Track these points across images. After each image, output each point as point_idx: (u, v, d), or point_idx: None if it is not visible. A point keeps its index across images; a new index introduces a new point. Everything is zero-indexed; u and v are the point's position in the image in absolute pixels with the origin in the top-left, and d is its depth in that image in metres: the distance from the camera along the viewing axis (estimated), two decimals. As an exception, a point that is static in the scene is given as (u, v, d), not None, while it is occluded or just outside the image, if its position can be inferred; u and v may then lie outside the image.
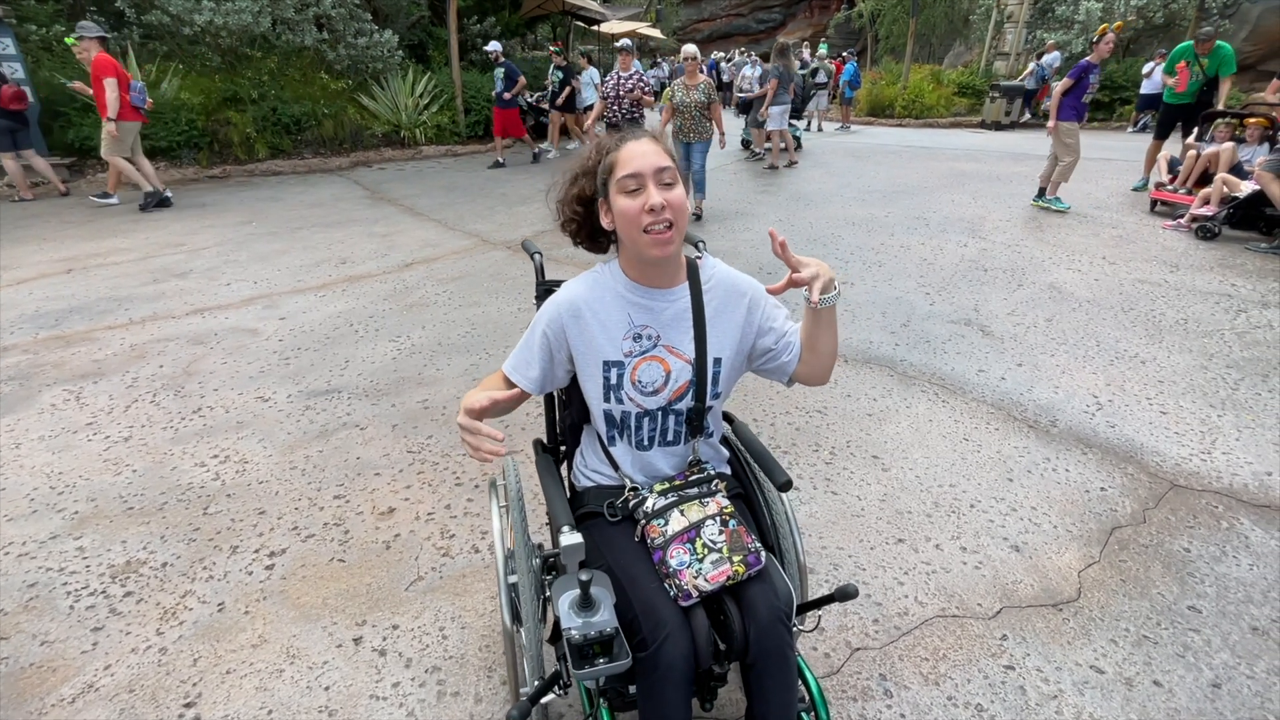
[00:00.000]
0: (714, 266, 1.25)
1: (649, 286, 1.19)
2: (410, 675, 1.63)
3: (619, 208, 1.10)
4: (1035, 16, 15.88)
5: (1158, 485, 2.38)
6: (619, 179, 1.09)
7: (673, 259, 1.15)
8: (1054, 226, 5.85)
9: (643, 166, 1.07)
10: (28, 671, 1.64)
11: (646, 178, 1.07)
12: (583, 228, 1.23)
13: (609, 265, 1.24)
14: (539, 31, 16.69)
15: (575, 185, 1.20)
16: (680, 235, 1.11)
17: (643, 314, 1.19)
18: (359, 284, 4.52)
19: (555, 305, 1.20)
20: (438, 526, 2.17)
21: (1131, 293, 4.25)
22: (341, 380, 3.17)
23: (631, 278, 1.20)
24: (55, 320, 3.85)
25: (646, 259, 1.13)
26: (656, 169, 1.08)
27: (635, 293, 1.19)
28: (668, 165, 1.09)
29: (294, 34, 9.17)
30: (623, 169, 1.09)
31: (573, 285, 1.23)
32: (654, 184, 1.07)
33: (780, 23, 31.46)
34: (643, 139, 1.12)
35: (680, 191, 1.10)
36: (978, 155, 10.00)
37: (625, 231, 1.11)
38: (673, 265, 1.18)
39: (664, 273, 1.18)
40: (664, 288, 1.20)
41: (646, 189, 1.07)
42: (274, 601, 1.86)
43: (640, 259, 1.15)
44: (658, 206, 1.06)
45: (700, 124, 5.92)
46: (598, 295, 1.20)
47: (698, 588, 1.03)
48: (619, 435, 1.23)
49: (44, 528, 2.15)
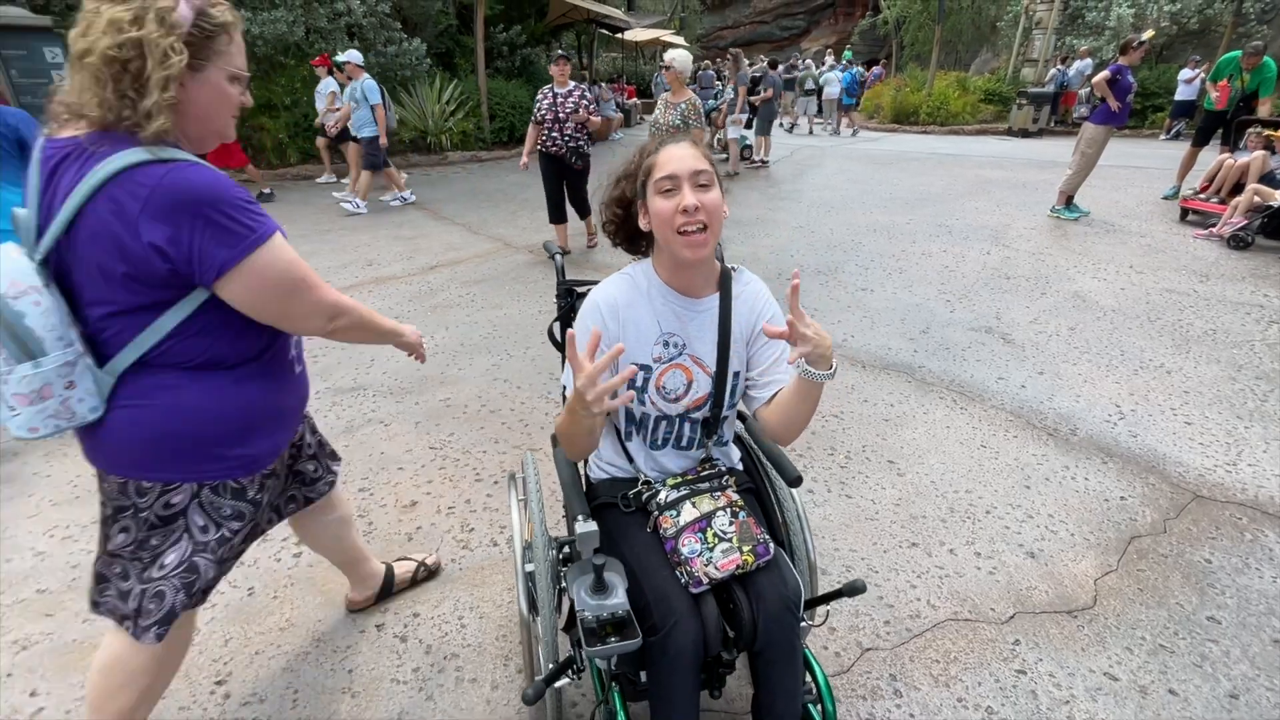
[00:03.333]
0: (748, 281, 1.27)
1: (681, 293, 1.21)
2: (430, 661, 1.69)
3: (655, 208, 1.13)
4: (1065, 22, 15.65)
5: (1180, 496, 2.35)
6: (656, 180, 1.13)
7: (705, 263, 1.18)
8: (1079, 235, 5.77)
9: (679, 169, 1.11)
10: (70, 649, 1.73)
11: (682, 180, 1.10)
12: (621, 229, 1.28)
13: (641, 266, 1.26)
14: (564, 40, 16.92)
15: (617, 188, 1.24)
16: (714, 239, 1.14)
17: (672, 320, 1.21)
18: (385, 285, 4.63)
19: (595, 307, 1.21)
20: (458, 520, 2.23)
21: (1159, 302, 4.18)
22: (367, 378, 3.26)
23: (664, 280, 1.22)
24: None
25: (680, 260, 1.15)
26: (692, 171, 1.11)
27: (667, 298, 1.22)
28: (704, 169, 1.12)
29: (326, 43, 9.42)
30: (660, 171, 1.13)
31: (607, 287, 1.24)
32: (689, 186, 1.10)
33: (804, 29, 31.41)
34: (683, 143, 1.16)
35: (716, 195, 1.13)
36: (1003, 162, 9.88)
37: (660, 232, 1.14)
38: (705, 271, 1.21)
39: (696, 278, 1.21)
40: (695, 296, 1.22)
41: (681, 190, 1.10)
42: (301, 588, 1.93)
43: (674, 260, 1.17)
44: (691, 207, 1.09)
45: None
46: (631, 298, 1.22)
47: (708, 575, 1.06)
48: (636, 432, 1.27)
49: (86, 512, 2.25)
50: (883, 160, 10.39)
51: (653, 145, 1.18)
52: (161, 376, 1.08)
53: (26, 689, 1.60)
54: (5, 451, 2.60)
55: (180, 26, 0.98)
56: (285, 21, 8.73)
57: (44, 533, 2.15)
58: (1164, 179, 7.53)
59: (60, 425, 1.04)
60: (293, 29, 8.85)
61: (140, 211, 0.96)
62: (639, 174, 1.18)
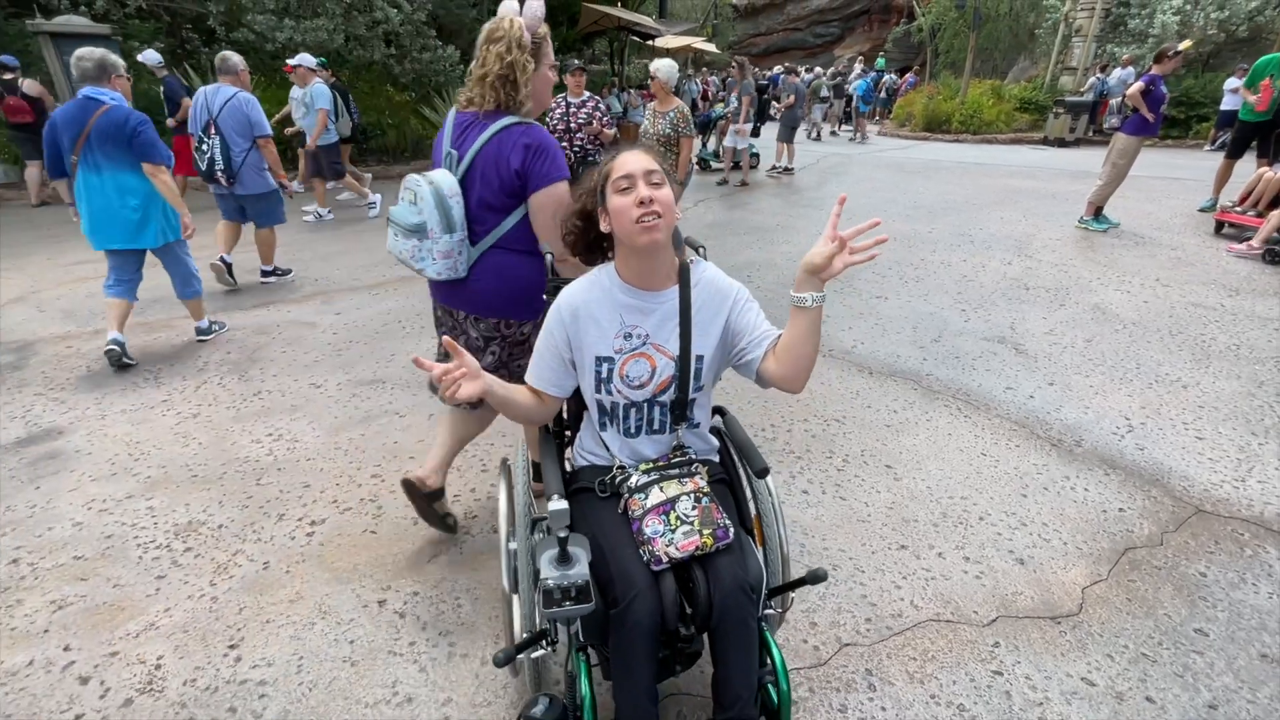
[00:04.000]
0: (704, 269, 1.37)
1: (641, 289, 1.32)
2: (425, 636, 1.79)
3: (614, 206, 1.23)
4: (1106, 30, 15.28)
5: (1181, 509, 2.33)
6: (614, 180, 1.24)
7: (662, 254, 1.28)
8: (1106, 247, 5.67)
9: (633, 168, 1.23)
10: (101, 609, 1.87)
11: (637, 177, 1.22)
12: (580, 239, 1.39)
13: (606, 268, 1.37)
14: (595, 47, 17.16)
15: (578, 202, 1.37)
16: (667, 228, 1.24)
17: (634, 315, 1.31)
18: (409, 284, 4.80)
19: (557, 309, 1.34)
20: (462, 508, 2.34)
21: (1182, 316, 4.10)
22: (386, 372, 3.41)
23: (626, 279, 1.32)
24: (140, 309, 4.24)
25: (637, 248, 1.25)
26: (645, 170, 1.23)
27: (628, 294, 1.32)
28: (656, 169, 1.24)
29: (364, 50, 9.75)
30: (617, 172, 1.24)
31: (572, 287, 1.36)
32: (643, 182, 1.22)
33: (838, 37, 31.19)
34: (635, 149, 1.28)
35: (667, 192, 1.23)
36: (1035, 172, 9.71)
37: (619, 225, 1.24)
38: (664, 265, 1.30)
39: (655, 272, 1.30)
40: (655, 290, 1.32)
41: (636, 187, 1.21)
42: (311, 564, 2.06)
43: (632, 250, 1.27)
44: (645, 199, 1.20)
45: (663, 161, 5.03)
46: (595, 297, 1.33)
47: (669, 554, 1.14)
48: (609, 422, 1.35)
49: (121, 488, 2.42)
50: (910, 169, 10.29)
51: (608, 155, 1.30)
52: (504, 255, 1.83)
53: (61, 644, 1.75)
54: (51, 430, 2.80)
55: (527, 46, 1.72)
56: (326, 29, 9.07)
57: (82, 505, 2.32)
58: (1202, 191, 7.33)
59: (449, 275, 1.81)
60: (333, 36, 9.19)
61: (511, 150, 1.71)
62: (598, 183, 1.29)
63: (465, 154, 1.76)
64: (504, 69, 1.70)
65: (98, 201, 3.24)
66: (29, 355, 3.56)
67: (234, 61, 4.36)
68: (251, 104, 4.27)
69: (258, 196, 4.46)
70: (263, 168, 4.41)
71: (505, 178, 1.72)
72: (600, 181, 1.28)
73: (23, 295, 4.48)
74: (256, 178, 4.38)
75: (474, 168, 1.76)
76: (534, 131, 1.73)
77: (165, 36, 9.64)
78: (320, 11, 9.25)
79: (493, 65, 1.70)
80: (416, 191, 1.75)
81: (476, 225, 1.80)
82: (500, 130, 1.72)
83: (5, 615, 1.84)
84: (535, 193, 1.72)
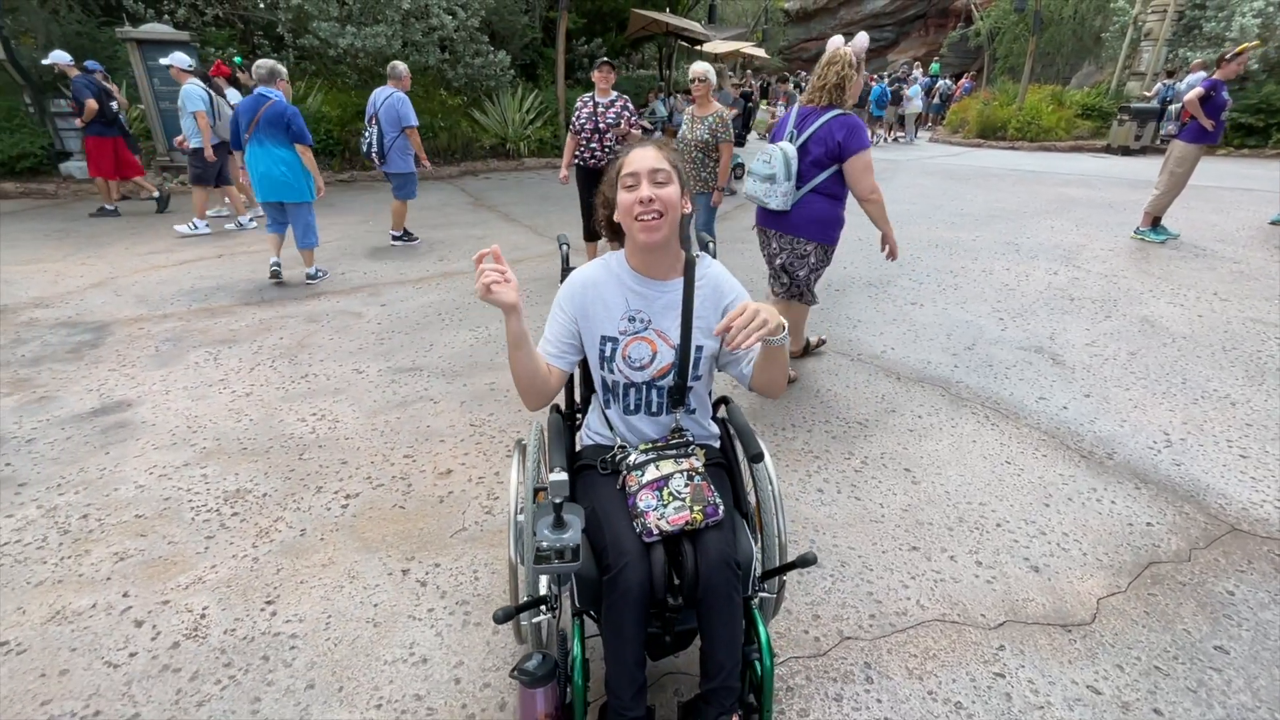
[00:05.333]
0: (709, 265, 1.44)
1: (647, 276, 1.39)
2: (443, 604, 1.89)
3: (619, 201, 1.31)
4: (1179, 33, 14.55)
5: (1215, 527, 2.26)
6: (622, 177, 1.31)
7: (665, 248, 1.34)
8: (1162, 258, 5.44)
9: (640, 167, 1.29)
10: (156, 563, 2.05)
11: (641, 176, 1.28)
12: (609, 223, 1.46)
13: (617, 255, 1.45)
14: (644, 52, 17.32)
15: (607, 190, 1.43)
16: (670, 227, 1.30)
17: (639, 300, 1.39)
18: (451, 279, 5.00)
19: (569, 285, 1.43)
20: (486, 489, 2.45)
21: (1239, 332, 3.91)
22: (425, 360, 3.57)
23: (633, 266, 1.40)
24: (205, 296, 4.56)
25: (638, 243, 1.32)
26: (651, 169, 1.29)
27: (635, 280, 1.39)
28: (663, 168, 1.30)
29: (420, 55, 10.15)
30: (626, 169, 1.31)
31: (584, 269, 1.45)
32: (647, 181, 1.28)
33: (893, 41, 30.60)
34: (647, 146, 1.34)
35: (672, 191, 1.29)
36: (1092, 181, 9.35)
37: (623, 220, 1.32)
38: (668, 257, 1.37)
39: (660, 264, 1.37)
40: (660, 279, 1.39)
41: (640, 185, 1.28)
42: (344, 533, 2.20)
43: (635, 245, 1.35)
44: (645, 199, 1.26)
45: (701, 168, 4.39)
46: (604, 279, 1.41)
47: (660, 527, 1.20)
48: (612, 400, 1.43)
49: (179, 457, 2.63)
50: (959, 175, 10.05)
51: (624, 149, 1.36)
52: (817, 197, 2.92)
53: (120, 591, 1.93)
54: (121, 403, 3.06)
55: (854, 65, 2.79)
56: (385, 36, 9.48)
57: (145, 470, 2.54)
58: (1275, 203, 6.95)
59: (780, 207, 2.91)
60: (391, 42, 9.60)
61: (836, 130, 2.78)
62: (614, 175, 1.36)
63: (804, 132, 2.86)
64: (839, 81, 2.78)
65: (262, 167, 4.53)
66: (105, 335, 3.87)
67: (400, 69, 5.57)
68: (404, 102, 5.45)
69: (399, 175, 5.66)
70: (407, 151, 5.60)
71: (830, 147, 2.80)
72: (614, 174, 1.35)
73: (102, 281, 4.86)
74: (400, 159, 5.60)
75: (810, 140, 2.84)
76: (851, 119, 2.79)
77: (238, 43, 10.24)
78: (380, 19, 9.68)
79: (831, 79, 2.80)
80: (772, 155, 2.87)
81: (806, 177, 2.89)
82: (831, 118, 2.79)
83: (75, 563, 2.04)
84: (850, 157, 2.79)
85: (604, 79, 4.60)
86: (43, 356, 3.55)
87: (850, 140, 2.75)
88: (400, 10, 9.64)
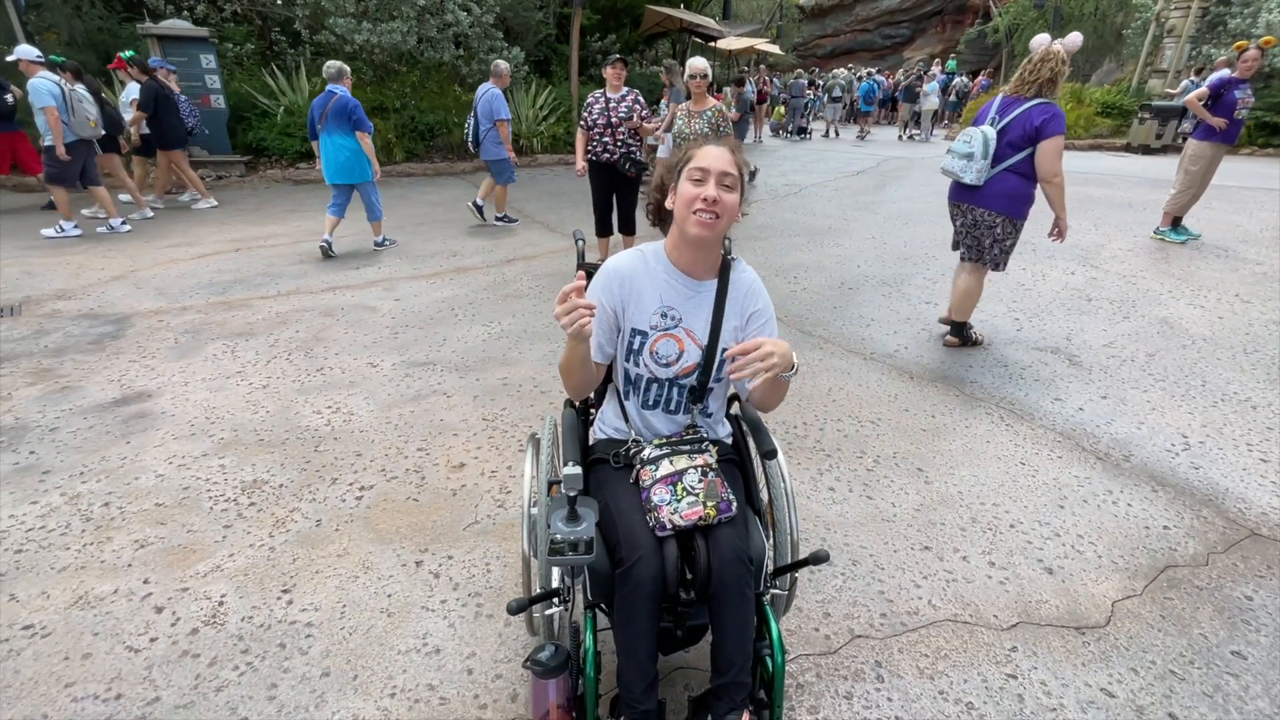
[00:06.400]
0: (745, 271, 1.44)
1: (684, 273, 1.39)
2: (456, 596, 1.91)
3: (682, 191, 1.31)
4: (1203, 30, 14.29)
5: (1234, 531, 2.23)
6: (689, 169, 1.30)
7: (710, 247, 1.35)
8: (1182, 259, 5.35)
9: (711, 165, 1.29)
10: (175, 550, 2.09)
11: (711, 175, 1.28)
12: (658, 208, 1.46)
13: (653, 246, 1.45)
14: (658, 48, 17.28)
15: (662, 176, 1.43)
16: (722, 229, 1.31)
17: (672, 296, 1.39)
18: (465, 274, 5.03)
19: (606, 275, 1.41)
20: (498, 483, 2.47)
21: (1260, 334, 3.85)
22: (438, 355, 3.60)
23: (672, 260, 1.40)
24: (222, 289, 4.62)
25: (688, 236, 1.31)
26: (721, 171, 1.29)
27: (671, 276, 1.39)
28: (733, 173, 1.30)
29: (435, 51, 10.20)
30: (696, 162, 1.30)
31: (620, 259, 1.43)
32: (715, 181, 1.28)
33: (908, 38, 30.28)
34: (723, 145, 1.33)
35: (734, 198, 1.30)
36: (1111, 180, 9.21)
37: (679, 210, 1.31)
38: (710, 256, 1.38)
39: (702, 262, 1.37)
40: (696, 278, 1.39)
41: (708, 183, 1.28)
42: (359, 525, 2.23)
43: (683, 238, 1.34)
44: (710, 199, 1.26)
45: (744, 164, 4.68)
46: (640, 271, 1.40)
47: (673, 522, 1.21)
48: (632, 391, 1.44)
49: (198, 447, 2.67)
50: (976, 174, 9.93)
51: (697, 143, 1.35)
52: (1009, 175, 3.26)
53: (141, 577, 1.97)
54: (141, 393, 3.11)
55: (1065, 59, 3.13)
56: (400, 31, 9.54)
57: (165, 460, 2.58)
58: (1300, 203, 6.81)
59: (975, 182, 3.31)
60: (406, 38, 9.65)
61: (1036, 116, 3.13)
62: (679, 164, 1.35)
63: (1006, 116, 3.22)
64: (1051, 76, 3.13)
65: (329, 154, 5.30)
66: (126, 327, 3.94)
67: (502, 67, 6.24)
68: (497, 98, 6.12)
69: (494, 161, 6.34)
70: (498, 141, 6.21)
71: (1028, 131, 3.13)
72: (681, 163, 1.34)
73: (122, 274, 4.94)
74: (493, 148, 6.27)
75: (1011, 124, 3.19)
76: (1054, 107, 3.12)
77: (256, 39, 10.34)
78: (396, 15, 9.73)
79: (1044, 74, 3.13)
80: (972, 136, 3.27)
81: (1001, 157, 3.24)
82: (1033, 105, 3.15)
83: (97, 550, 2.08)
84: (1046, 139, 3.09)
85: (616, 75, 4.70)
86: (65, 347, 3.62)
87: (1049, 124, 3.07)
88: (416, 6, 9.68)
